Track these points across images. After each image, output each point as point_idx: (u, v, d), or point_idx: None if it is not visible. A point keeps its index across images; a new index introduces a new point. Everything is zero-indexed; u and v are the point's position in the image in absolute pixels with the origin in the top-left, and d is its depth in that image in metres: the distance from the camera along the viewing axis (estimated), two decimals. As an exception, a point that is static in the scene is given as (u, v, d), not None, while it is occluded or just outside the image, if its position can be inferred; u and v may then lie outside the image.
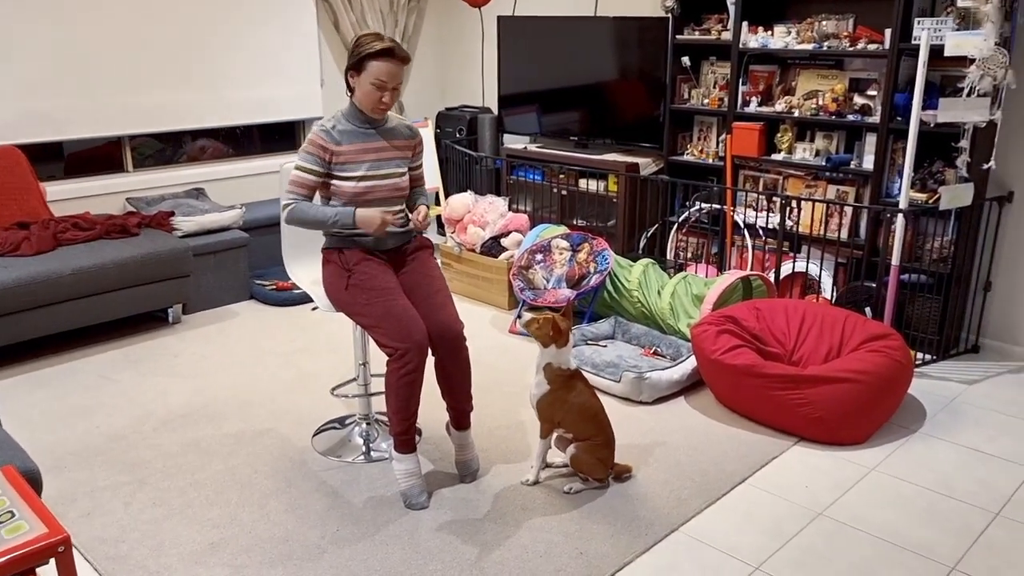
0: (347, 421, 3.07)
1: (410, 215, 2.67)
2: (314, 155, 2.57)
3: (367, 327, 2.54)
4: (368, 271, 2.57)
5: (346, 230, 2.58)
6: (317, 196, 2.70)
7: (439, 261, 3.90)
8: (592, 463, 2.64)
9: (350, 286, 2.56)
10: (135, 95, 4.46)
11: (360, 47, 2.53)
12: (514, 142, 5.28)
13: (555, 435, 2.71)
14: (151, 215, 4.21)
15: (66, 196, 4.30)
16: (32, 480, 2.06)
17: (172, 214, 4.26)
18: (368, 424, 2.98)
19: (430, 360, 2.56)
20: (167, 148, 4.83)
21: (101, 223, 3.99)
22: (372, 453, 2.88)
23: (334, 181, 2.59)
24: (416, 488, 2.59)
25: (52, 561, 1.70)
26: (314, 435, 3.02)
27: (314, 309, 4.30)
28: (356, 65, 2.55)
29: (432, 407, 3.22)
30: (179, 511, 2.55)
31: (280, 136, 5.33)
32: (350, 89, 2.62)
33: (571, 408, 2.61)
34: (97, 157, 4.56)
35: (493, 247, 4.43)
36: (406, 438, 2.59)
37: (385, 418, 3.09)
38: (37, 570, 1.83)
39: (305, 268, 2.97)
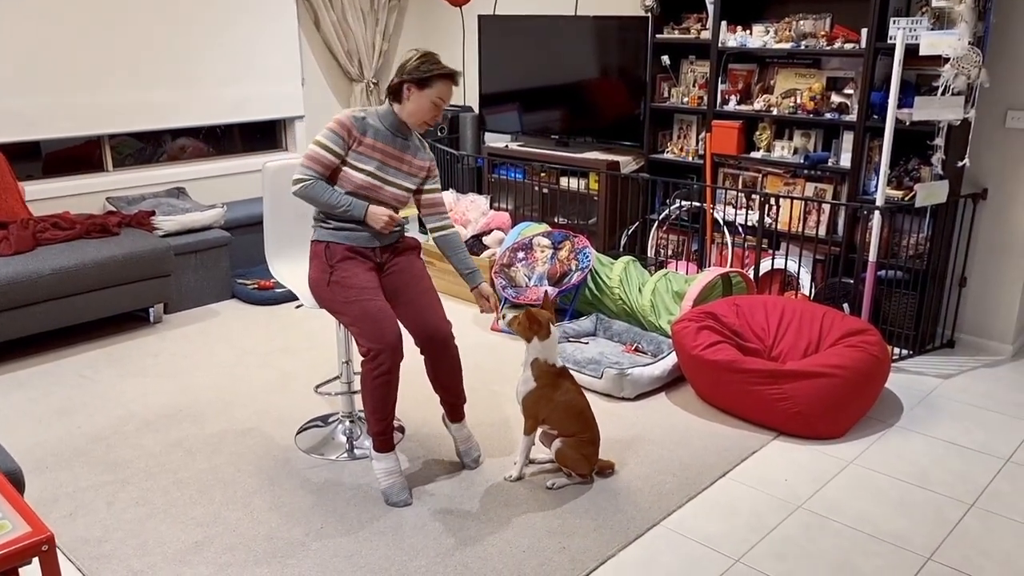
0: (330, 419, 3.08)
1: (481, 301, 2.76)
2: (339, 135, 2.57)
3: (344, 322, 2.58)
4: (350, 269, 2.59)
5: (350, 221, 2.61)
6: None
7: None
8: (577, 459, 2.66)
9: (331, 282, 2.58)
10: (114, 94, 4.43)
11: (429, 64, 2.58)
12: (495, 140, 5.29)
13: (540, 431, 2.73)
14: (131, 214, 4.18)
15: (45, 196, 4.26)
16: (15, 480, 2.05)
17: (153, 213, 4.24)
18: (351, 422, 2.99)
19: (412, 361, 2.57)
20: (147, 147, 4.81)
21: (81, 223, 3.96)
22: (355, 451, 2.88)
23: (345, 167, 2.61)
24: (396, 486, 2.61)
25: (36, 561, 1.70)
26: (297, 433, 3.02)
27: (298, 307, 4.30)
28: (422, 81, 2.57)
29: (417, 405, 3.23)
30: (162, 510, 2.55)
31: (261, 135, 5.31)
32: (396, 99, 2.63)
33: (557, 405, 2.63)
34: (76, 156, 4.53)
35: (475, 245, 4.44)
36: (384, 437, 2.60)
37: (369, 416, 3.10)
38: (20, 570, 1.82)
39: (288, 266, 2.97)
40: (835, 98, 3.84)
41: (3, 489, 1.86)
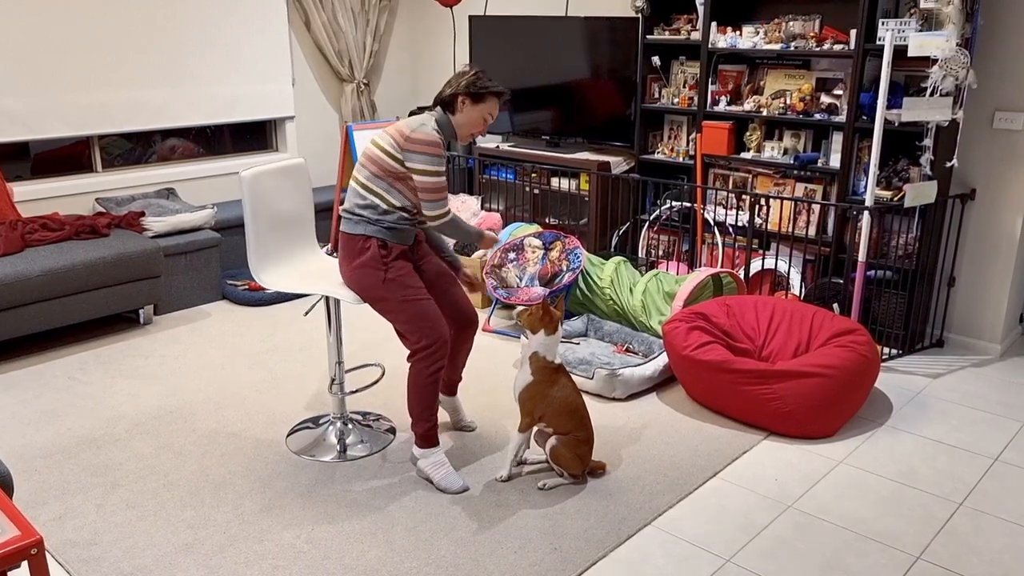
0: (321, 420, 3.07)
1: (467, 284, 2.98)
2: (443, 158, 2.61)
3: (397, 321, 2.64)
4: (404, 268, 2.65)
5: (409, 224, 2.68)
6: (378, 183, 2.63)
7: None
8: (570, 458, 2.67)
9: (387, 280, 2.61)
10: (103, 94, 4.41)
11: (485, 81, 2.64)
12: (486, 141, 5.29)
13: (535, 429, 2.73)
14: (121, 215, 4.16)
15: (34, 196, 4.24)
16: (3, 483, 2.04)
17: (142, 214, 4.22)
18: (343, 423, 2.99)
19: (399, 365, 2.59)
20: (136, 148, 4.79)
21: (70, 224, 3.94)
22: (347, 452, 2.88)
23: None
24: (451, 473, 2.70)
25: (24, 564, 1.69)
26: (288, 435, 3.02)
27: (307, 314, 4.26)
28: (478, 96, 2.62)
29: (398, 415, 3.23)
30: (153, 512, 2.54)
31: (251, 135, 5.30)
32: (451, 109, 2.65)
33: (552, 402, 2.64)
34: (65, 157, 4.50)
35: (466, 246, 4.44)
36: (434, 431, 2.72)
37: (360, 417, 3.10)
38: (9, 574, 1.81)
39: (274, 274, 2.89)
40: (824, 99, 3.86)
41: (-9, 492, 1.85)
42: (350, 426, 3.00)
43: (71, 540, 2.40)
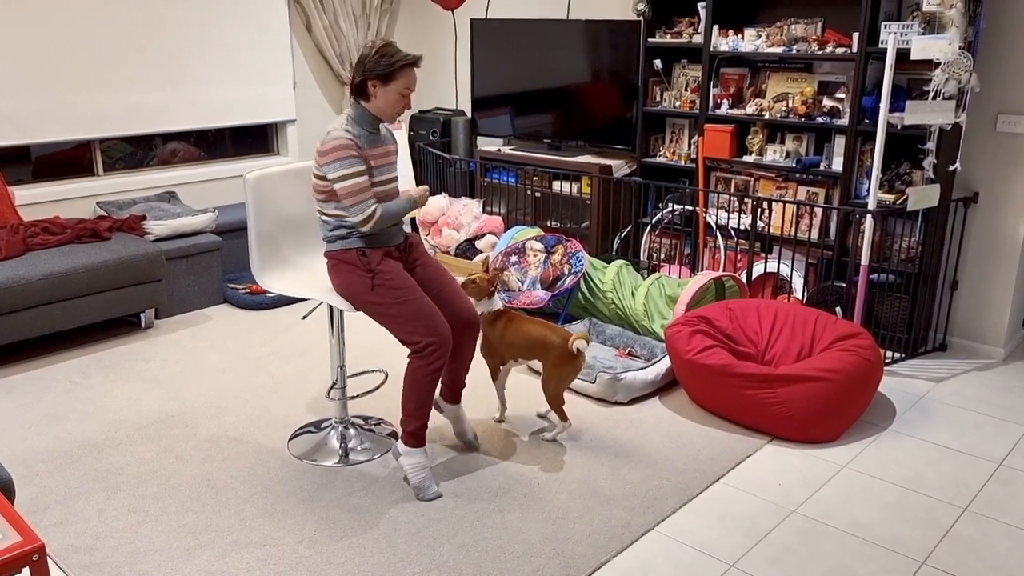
0: (323, 425, 3.07)
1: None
2: (358, 158, 2.53)
3: (392, 324, 2.59)
4: (391, 270, 2.61)
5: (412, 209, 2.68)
6: (327, 206, 2.63)
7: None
8: (558, 380, 2.89)
9: (376, 287, 2.58)
10: (104, 97, 4.41)
11: (390, 57, 2.52)
12: (488, 144, 5.29)
13: (510, 370, 3.07)
14: (122, 219, 4.16)
15: (35, 200, 4.23)
16: (5, 488, 2.03)
17: (144, 218, 4.21)
18: (345, 427, 2.98)
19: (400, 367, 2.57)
20: (137, 151, 4.78)
21: (71, 227, 3.94)
22: (349, 456, 2.87)
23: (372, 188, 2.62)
24: (428, 479, 2.66)
25: (26, 571, 1.68)
26: (290, 439, 3.01)
27: (305, 317, 4.26)
28: (386, 75, 2.53)
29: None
30: (154, 517, 2.53)
31: (252, 139, 5.29)
32: (364, 96, 2.58)
33: (503, 338, 2.94)
34: (66, 160, 4.50)
35: (468, 249, 4.44)
36: (421, 433, 2.67)
37: (362, 421, 3.09)
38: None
39: (276, 277, 2.90)
40: (827, 102, 3.85)
41: (-7, 498, 1.84)
42: (352, 430, 2.99)
43: (72, 545, 2.39)
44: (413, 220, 5.37)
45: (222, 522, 2.51)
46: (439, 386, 2.83)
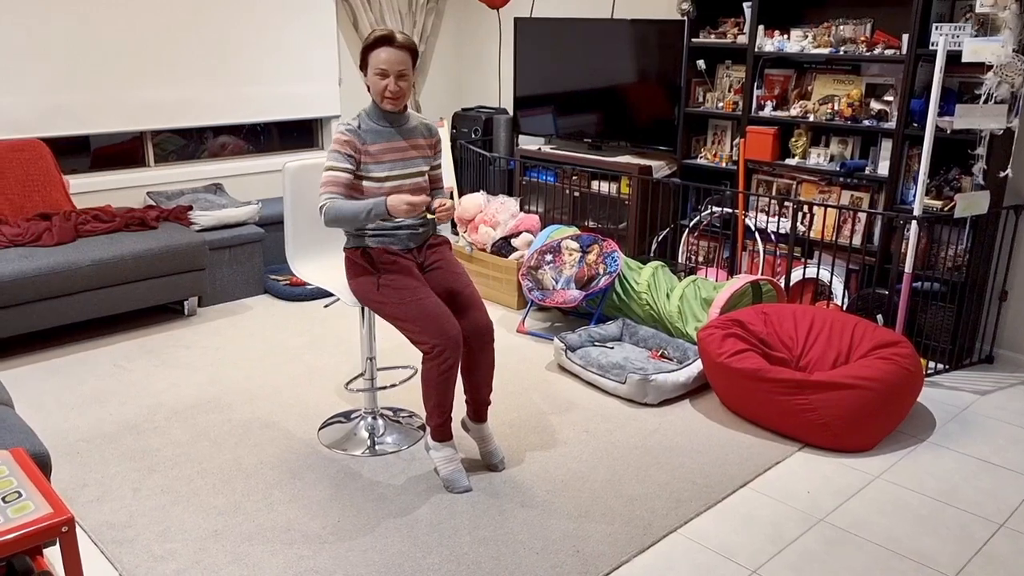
0: (353, 415, 3.11)
1: (430, 209, 2.62)
2: (344, 153, 2.57)
3: (400, 325, 2.57)
4: (397, 270, 2.61)
5: (380, 220, 2.56)
6: None
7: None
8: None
9: (381, 286, 2.59)
10: (158, 91, 4.54)
11: (363, 44, 2.59)
12: (529, 143, 5.29)
13: None
14: (169, 209, 4.27)
15: (89, 189, 4.38)
16: (41, 463, 2.11)
17: (190, 208, 4.32)
18: (374, 418, 3.01)
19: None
20: (189, 144, 4.91)
21: (121, 216, 4.06)
22: (377, 447, 2.91)
23: (365, 181, 2.63)
24: (457, 472, 2.67)
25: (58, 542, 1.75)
26: (320, 428, 3.06)
27: (327, 306, 4.34)
28: (362, 61, 2.61)
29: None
30: (186, 498, 2.60)
31: (298, 134, 5.39)
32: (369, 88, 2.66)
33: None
34: (122, 153, 4.64)
35: (504, 247, 4.45)
36: (445, 428, 2.67)
37: (391, 412, 3.13)
38: (46, 552, 1.87)
39: (311, 267, 2.98)
40: (874, 105, 3.77)
41: (29, 471, 1.92)
42: (380, 421, 3.02)
43: (108, 522, 2.47)
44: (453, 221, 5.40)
45: (250, 506, 2.56)
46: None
